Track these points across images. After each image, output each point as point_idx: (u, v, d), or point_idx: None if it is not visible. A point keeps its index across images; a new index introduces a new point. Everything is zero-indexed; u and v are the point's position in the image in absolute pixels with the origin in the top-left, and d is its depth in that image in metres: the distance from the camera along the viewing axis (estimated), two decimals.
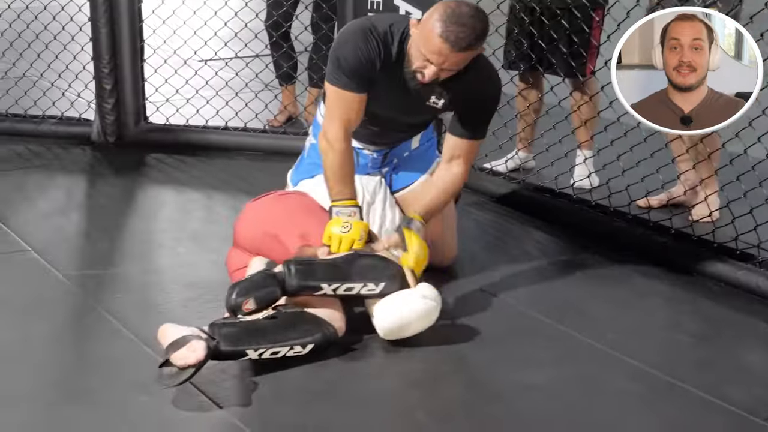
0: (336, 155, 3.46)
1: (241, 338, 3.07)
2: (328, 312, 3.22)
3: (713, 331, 3.55)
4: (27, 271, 3.82)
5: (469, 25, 3.23)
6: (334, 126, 3.48)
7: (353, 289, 3.23)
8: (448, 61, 3.27)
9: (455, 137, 3.58)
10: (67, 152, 5.27)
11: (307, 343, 3.12)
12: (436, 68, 3.28)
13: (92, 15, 5.23)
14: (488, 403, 3.01)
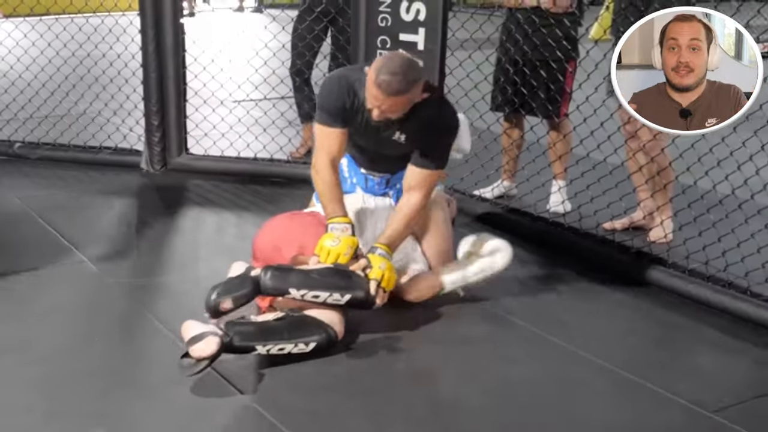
0: (324, 182, 3.47)
1: (252, 335, 3.06)
2: (329, 316, 3.19)
3: (668, 336, 3.51)
4: (84, 279, 3.80)
5: (399, 73, 3.21)
6: (320, 157, 3.50)
7: (319, 297, 3.19)
8: (384, 104, 3.26)
9: (412, 167, 3.49)
10: (119, 178, 5.25)
11: (310, 341, 3.10)
12: (377, 110, 3.29)
13: (143, 62, 5.23)
14: (475, 397, 2.98)
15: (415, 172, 3.49)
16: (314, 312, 3.20)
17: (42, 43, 5.75)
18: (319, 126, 3.54)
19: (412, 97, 3.31)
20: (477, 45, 4.77)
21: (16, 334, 3.26)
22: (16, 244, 4.14)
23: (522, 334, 3.43)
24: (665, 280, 3.82)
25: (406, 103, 3.31)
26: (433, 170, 3.49)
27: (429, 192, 3.52)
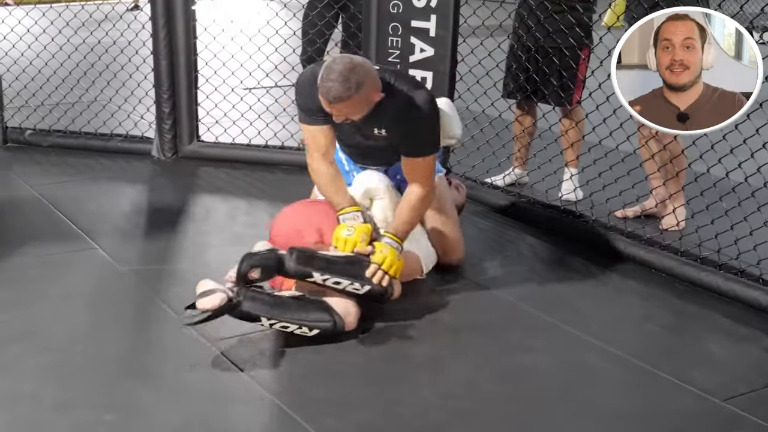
0: (322, 177, 3.52)
1: (261, 305, 3.10)
2: (344, 306, 3.21)
3: (680, 324, 3.52)
4: (96, 265, 3.81)
5: (337, 81, 3.15)
6: (311, 155, 3.53)
7: (341, 284, 3.21)
8: (334, 109, 3.23)
9: (404, 158, 3.49)
10: (130, 165, 5.27)
11: (314, 327, 3.12)
12: (334, 115, 3.28)
13: (154, 49, 5.24)
14: (488, 384, 2.99)
15: (408, 162, 3.49)
16: (331, 299, 3.21)
17: (53, 30, 5.75)
18: (303, 126, 3.56)
19: (364, 99, 3.22)
20: (489, 32, 4.76)
21: (26, 322, 3.27)
22: (27, 231, 4.16)
23: (534, 321, 3.44)
24: (677, 268, 3.82)
25: (358, 105, 3.24)
26: (423, 157, 3.46)
27: (428, 178, 3.49)
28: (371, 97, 3.26)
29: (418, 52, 4.67)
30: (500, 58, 4.84)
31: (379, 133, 3.47)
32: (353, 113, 3.27)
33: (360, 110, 3.27)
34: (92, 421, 2.68)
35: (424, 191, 3.47)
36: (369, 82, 3.22)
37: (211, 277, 3.12)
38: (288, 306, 3.15)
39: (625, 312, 3.61)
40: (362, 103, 3.25)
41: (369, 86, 3.22)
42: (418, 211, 3.51)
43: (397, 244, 3.38)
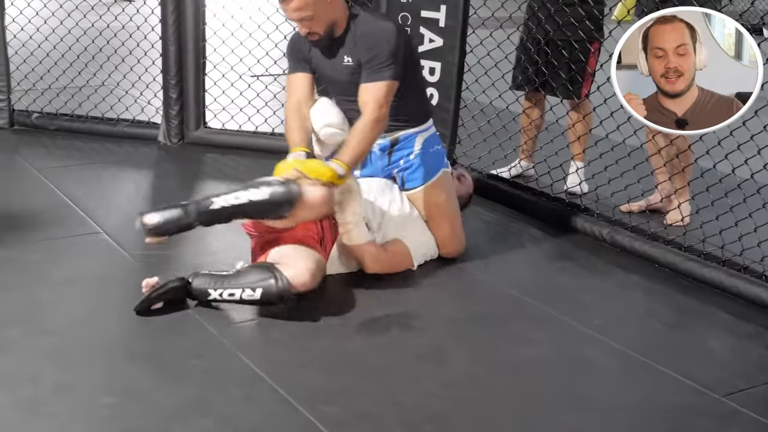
0: (290, 118, 3.60)
1: (207, 281, 3.23)
2: (293, 264, 3.23)
3: (683, 320, 3.52)
4: (99, 250, 3.83)
5: None
6: (289, 102, 3.66)
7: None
8: (289, 10, 3.41)
9: (361, 85, 3.49)
10: (137, 150, 5.28)
11: (256, 287, 3.18)
12: (298, 24, 3.45)
13: (163, 34, 5.25)
14: (488, 375, 2.99)
15: (363, 87, 3.49)
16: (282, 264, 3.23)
17: (62, 13, 5.76)
18: (288, 77, 3.72)
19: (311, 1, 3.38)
20: (498, 23, 4.75)
21: (28, 305, 3.29)
22: (32, 215, 4.18)
23: (536, 313, 3.44)
24: (681, 263, 3.82)
25: (310, 5, 3.38)
26: (377, 81, 3.46)
27: (380, 104, 3.45)
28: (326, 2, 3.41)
29: (427, 42, 4.67)
30: (509, 49, 4.83)
31: (347, 62, 3.54)
32: (310, 17, 3.41)
33: (316, 12, 3.41)
34: (91, 404, 2.70)
35: (374, 116, 3.44)
36: None
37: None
38: (232, 275, 3.25)
39: (627, 306, 3.61)
40: (314, 4, 3.38)
41: None
42: (367, 136, 3.45)
43: (338, 165, 3.32)
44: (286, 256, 3.31)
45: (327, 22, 3.47)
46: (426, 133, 3.79)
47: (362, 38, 3.51)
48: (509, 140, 4.88)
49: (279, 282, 3.16)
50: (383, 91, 3.46)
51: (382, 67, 3.47)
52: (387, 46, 3.48)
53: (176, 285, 3.26)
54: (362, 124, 3.45)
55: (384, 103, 3.47)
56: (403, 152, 3.75)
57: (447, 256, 3.81)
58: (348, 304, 3.40)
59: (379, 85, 3.46)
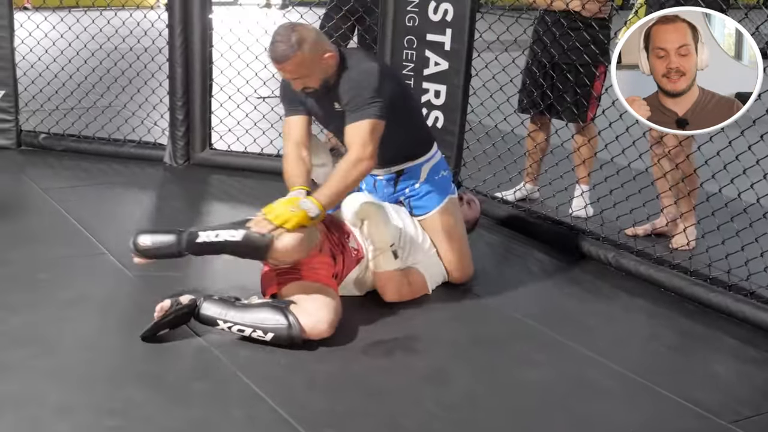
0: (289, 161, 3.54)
1: (218, 308, 3.18)
2: (313, 311, 3.19)
3: (687, 344, 3.51)
4: (104, 270, 3.83)
5: (281, 41, 3.34)
6: (286, 145, 3.60)
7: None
8: (286, 73, 3.41)
9: (345, 127, 3.44)
10: (143, 171, 5.30)
11: (268, 330, 3.14)
12: (294, 83, 3.43)
13: (170, 56, 5.28)
14: (490, 397, 2.98)
15: (346, 130, 3.44)
16: (300, 306, 3.20)
17: (70, 35, 5.80)
18: (285, 120, 3.67)
19: (309, 58, 3.35)
20: (504, 46, 4.77)
21: (34, 325, 3.29)
22: (38, 235, 4.19)
23: (539, 336, 3.44)
24: (686, 287, 3.81)
25: (307, 65, 3.36)
26: (359, 120, 3.40)
27: (363, 144, 3.38)
28: (318, 56, 3.38)
29: (432, 65, 4.69)
30: (514, 72, 4.85)
31: (338, 108, 3.50)
32: (305, 75, 3.39)
33: (311, 72, 3.39)
34: (94, 426, 2.69)
35: (355, 155, 3.38)
36: (311, 41, 3.36)
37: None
38: (245, 309, 3.19)
39: (631, 330, 3.61)
40: (310, 63, 3.36)
41: (311, 44, 3.36)
42: (346, 177, 3.38)
43: (312, 205, 3.26)
44: (306, 298, 3.24)
45: (321, 77, 3.43)
46: (431, 161, 3.77)
47: (347, 85, 3.46)
48: (514, 163, 4.89)
49: (292, 329, 3.13)
50: (366, 130, 3.39)
51: (364, 106, 3.41)
52: (369, 86, 3.42)
53: (185, 312, 3.21)
54: (344, 164, 3.39)
55: (368, 142, 3.39)
56: (408, 182, 3.75)
57: (455, 281, 3.80)
58: (353, 327, 3.39)
59: (362, 124, 3.39)
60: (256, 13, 13.46)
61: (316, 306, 3.22)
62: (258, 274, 3.61)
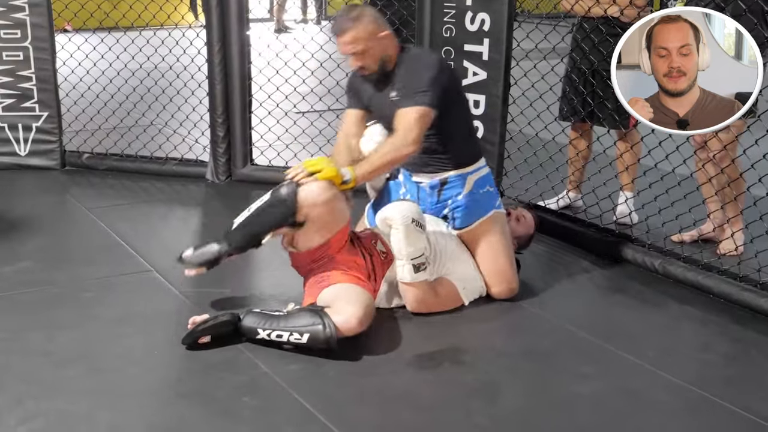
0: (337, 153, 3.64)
1: (258, 319, 3.23)
2: (343, 310, 3.20)
3: (741, 352, 3.42)
4: (150, 288, 3.82)
5: (341, 15, 3.54)
6: (337, 137, 3.76)
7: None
8: (344, 45, 3.50)
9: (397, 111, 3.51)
10: (185, 188, 5.30)
11: (304, 332, 3.16)
12: (350, 57, 3.53)
13: (209, 74, 5.27)
14: (541, 411, 2.93)
15: (396, 115, 3.50)
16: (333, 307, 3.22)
17: (111, 55, 5.82)
18: (345, 110, 3.82)
19: (366, 33, 3.48)
20: (542, 55, 4.72)
21: (82, 344, 3.28)
22: (84, 254, 4.19)
23: (588, 347, 3.37)
24: (736, 293, 3.72)
25: (362, 39, 3.48)
26: (410, 106, 3.46)
27: (408, 128, 3.44)
28: (375, 33, 3.50)
29: (471, 75, 4.65)
30: (553, 81, 4.79)
31: (393, 97, 3.55)
32: (363, 51, 3.49)
33: (367, 47, 3.49)
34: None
35: (400, 139, 3.44)
36: (369, 16, 3.53)
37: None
38: (282, 317, 3.24)
39: (681, 338, 3.53)
40: (367, 38, 3.48)
41: (369, 19, 3.52)
42: (384, 156, 3.46)
43: (346, 170, 3.41)
44: (337, 299, 3.28)
45: (378, 58, 3.53)
46: (477, 174, 3.73)
47: (406, 72, 3.55)
48: (556, 171, 4.82)
49: (327, 329, 3.14)
50: (414, 116, 3.45)
51: (417, 93, 3.47)
52: (425, 74, 3.49)
53: (225, 320, 3.26)
54: (387, 145, 3.48)
55: (414, 128, 3.44)
56: (452, 192, 3.71)
57: (495, 296, 3.71)
58: (398, 340, 3.35)
59: (411, 110, 3.46)
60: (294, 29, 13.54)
61: (346, 303, 3.24)
62: (301, 289, 3.59)
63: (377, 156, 3.47)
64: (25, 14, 5.32)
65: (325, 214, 3.35)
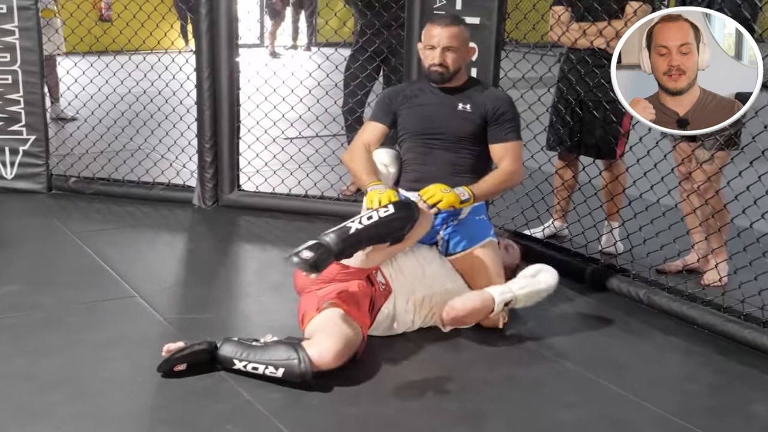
0: (358, 159, 3.82)
1: (234, 350, 3.20)
2: (319, 342, 3.16)
3: (724, 383, 3.42)
4: (135, 313, 3.80)
5: (450, 15, 3.99)
6: (354, 144, 3.93)
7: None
8: (443, 39, 3.72)
9: (494, 145, 3.81)
10: (172, 213, 5.28)
11: (279, 366, 3.13)
12: (439, 49, 3.73)
13: (198, 99, 5.27)
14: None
15: (498, 147, 3.80)
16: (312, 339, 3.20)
17: (100, 80, 5.83)
18: (366, 122, 4.00)
19: (464, 37, 3.79)
20: (529, 84, 4.74)
21: (66, 368, 3.26)
22: (70, 278, 4.17)
23: (573, 376, 3.36)
24: (720, 324, 3.73)
25: (460, 39, 3.76)
26: (512, 141, 3.80)
27: (518, 159, 3.80)
28: (467, 41, 3.84)
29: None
30: (540, 110, 4.81)
31: (463, 108, 3.81)
32: (456, 49, 3.75)
33: (460, 48, 3.77)
34: None
35: (511, 168, 3.77)
36: (468, 34, 3.85)
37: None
38: (259, 348, 3.20)
39: (666, 369, 3.52)
40: (462, 41, 3.78)
41: (468, 36, 3.84)
42: (499, 181, 3.77)
43: (463, 190, 3.61)
44: (319, 330, 3.25)
45: (459, 65, 3.81)
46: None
47: (490, 97, 3.84)
48: (542, 201, 4.83)
49: (302, 364, 3.11)
50: (517, 150, 3.80)
51: (512, 129, 3.81)
52: (514, 112, 3.85)
53: (201, 348, 3.22)
54: (500, 172, 3.77)
55: (518, 159, 3.80)
56: (449, 216, 3.73)
57: (490, 325, 3.69)
58: (382, 368, 3.34)
59: (513, 144, 3.80)
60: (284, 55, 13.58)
61: (327, 336, 3.20)
62: (286, 315, 3.58)
63: (493, 180, 3.74)
64: (15, 38, 5.32)
65: (422, 232, 3.49)
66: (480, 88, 3.90)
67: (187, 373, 3.20)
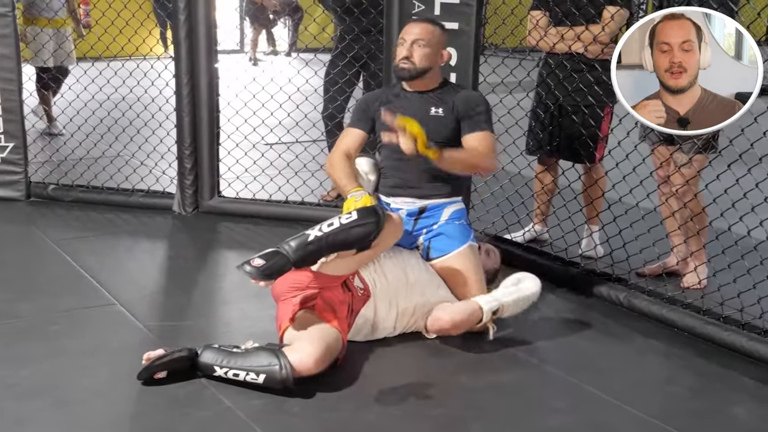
0: (337, 166, 3.78)
1: (215, 357, 3.18)
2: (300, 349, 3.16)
3: (705, 385, 3.42)
4: (115, 321, 3.77)
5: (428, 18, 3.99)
6: (334, 151, 3.88)
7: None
8: (415, 31, 3.73)
9: (466, 136, 3.75)
10: (151, 220, 5.25)
11: (260, 372, 3.11)
12: (407, 44, 3.72)
13: (177, 106, 5.25)
14: None
15: (470, 137, 3.74)
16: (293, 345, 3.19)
17: (78, 86, 5.78)
18: (345, 129, 3.99)
19: (437, 39, 3.78)
20: (508, 89, 4.74)
21: (46, 377, 3.23)
22: (49, 287, 4.13)
23: (555, 381, 3.36)
24: (700, 327, 3.74)
25: (432, 40, 3.74)
26: (484, 131, 3.75)
27: (491, 149, 3.74)
28: (441, 45, 3.81)
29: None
30: (519, 114, 4.81)
31: (436, 112, 3.78)
32: (425, 46, 3.72)
33: (430, 48, 3.74)
34: None
35: (486, 153, 3.71)
36: (442, 36, 3.83)
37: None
38: (240, 355, 3.18)
39: (647, 372, 3.53)
40: (435, 43, 3.77)
41: (441, 38, 3.82)
42: (473, 155, 3.70)
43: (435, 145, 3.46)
44: (299, 337, 3.24)
45: (427, 64, 3.76)
46: (454, 206, 3.84)
47: (461, 98, 3.81)
48: (522, 205, 4.83)
49: (283, 370, 3.09)
50: (489, 140, 3.74)
51: (483, 120, 3.77)
52: (485, 107, 3.82)
53: (182, 355, 3.19)
54: (476, 151, 3.69)
55: (491, 148, 3.74)
56: (428, 221, 3.77)
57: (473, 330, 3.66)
58: (363, 374, 3.32)
59: (485, 134, 3.75)
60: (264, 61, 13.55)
61: (308, 342, 3.19)
62: (267, 322, 3.56)
63: (468, 152, 3.69)
64: None
65: (391, 240, 3.46)
66: (452, 91, 3.87)
67: (168, 381, 3.18)
